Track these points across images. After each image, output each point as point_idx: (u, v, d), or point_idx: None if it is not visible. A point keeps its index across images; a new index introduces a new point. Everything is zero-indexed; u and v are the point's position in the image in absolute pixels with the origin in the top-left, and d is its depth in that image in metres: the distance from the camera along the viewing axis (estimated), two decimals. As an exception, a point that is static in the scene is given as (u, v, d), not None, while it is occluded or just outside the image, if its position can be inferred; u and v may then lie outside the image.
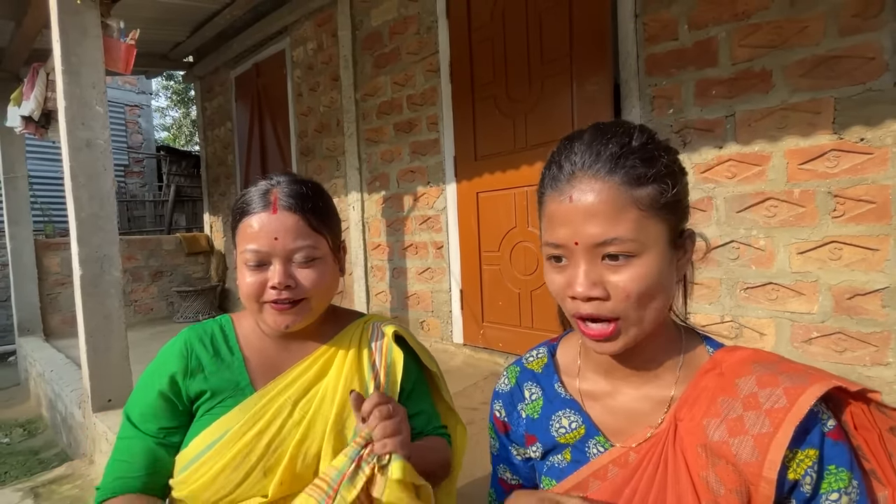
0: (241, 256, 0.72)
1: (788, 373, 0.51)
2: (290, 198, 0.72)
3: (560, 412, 0.62)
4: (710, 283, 1.90)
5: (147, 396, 0.75)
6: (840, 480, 0.48)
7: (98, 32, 2.04)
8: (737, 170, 1.81)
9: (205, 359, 0.76)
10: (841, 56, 1.58)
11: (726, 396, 0.52)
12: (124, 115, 8.14)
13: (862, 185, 1.56)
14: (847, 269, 1.61)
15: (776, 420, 0.48)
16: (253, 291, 0.71)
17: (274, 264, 0.71)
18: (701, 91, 1.87)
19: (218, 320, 0.82)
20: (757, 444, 0.48)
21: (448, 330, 2.91)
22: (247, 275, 0.72)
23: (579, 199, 0.51)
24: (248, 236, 0.71)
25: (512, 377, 0.69)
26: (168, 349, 0.79)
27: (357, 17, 3.29)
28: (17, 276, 4.08)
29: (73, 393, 2.47)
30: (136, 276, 4.83)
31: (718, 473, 0.50)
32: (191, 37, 4.32)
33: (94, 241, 2.01)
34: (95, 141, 2.04)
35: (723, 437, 0.50)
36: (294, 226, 0.71)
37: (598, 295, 0.51)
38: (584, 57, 2.18)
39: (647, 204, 0.50)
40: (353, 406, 0.65)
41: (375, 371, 0.79)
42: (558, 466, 0.60)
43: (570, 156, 0.53)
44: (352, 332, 0.82)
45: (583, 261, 0.51)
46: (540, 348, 0.69)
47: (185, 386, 0.75)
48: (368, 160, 3.33)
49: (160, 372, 0.76)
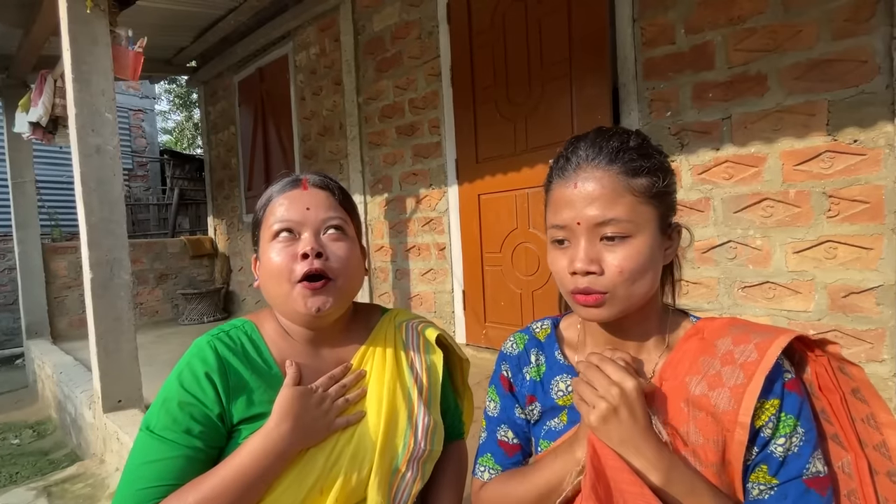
0: (268, 233, 0.68)
1: (759, 331, 0.57)
2: (319, 177, 0.74)
3: (559, 377, 0.68)
4: (709, 283, 1.93)
5: (181, 418, 0.64)
6: (787, 426, 0.53)
7: (107, 41, 2.08)
8: (733, 171, 1.84)
9: (245, 375, 0.67)
10: (834, 60, 1.62)
11: (706, 356, 0.58)
12: (128, 119, 8.21)
13: (856, 186, 1.60)
14: (842, 267, 1.64)
15: (749, 371, 0.53)
16: (282, 268, 0.66)
17: (304, 234, 0.68)
18: (698, 94, 1.91)
19: (241, 326, 0.73)
20: (733, 394, 0.53)
21: (451, 330, 2.95)
22: (273, 253, 0.67)
23: (583, 185, 0.58)
24: (276, 214, 0.69)
25: (520, 342, 0.74)
26: (198, 362, 0.67)
27: (359, 22, 3.34)
28: (24, 280, 4.13)
29: (83, 394, 2.51)
30: (142, 279, 4.88)
31: (698, 425, 0.55)
32: (195, 42, 4.38)
33: (105, 245, 2.06)
34: (105, 147, 2.08)
35: (703, 391, 0.56)
36: (325, 199, 0.70)
37: (594, 270, 0.57)
38: (583, 61, 2.22)
39: (641, 191, 0.58)
40: None
41: (416, 374, 0.75)
42: (555, 429, 0.66)
43: (576, 150, 0.61)
44: (384, 333, 0.78)
45: (583, 239, 0.58)
46: (545, 321, 0.76)
47: (229, 408, 0.65)
48: (371, 163, 3.37)
49: (196, 386, 0.65)
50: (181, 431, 0.63)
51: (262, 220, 0.71)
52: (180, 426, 0.64)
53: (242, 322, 0.75)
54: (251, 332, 0.73)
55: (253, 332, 0.73)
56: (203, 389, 0.65)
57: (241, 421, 0.66)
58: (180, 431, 0.63)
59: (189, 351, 0.69)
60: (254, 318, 0.76)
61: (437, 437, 0.74)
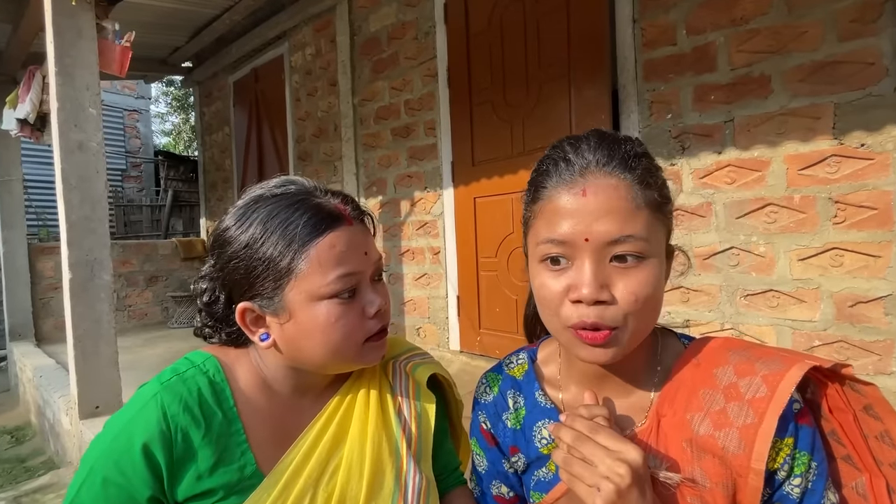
0: (325, 290, 0.57)
1: (763, 359, 0.51)
2: (351, 200, 0.62)
3: (541, 422, 0.59)
4: (710, 290, 1.87)
5: (108, 499, 0.52)
6: (801, 464, 0.48)
7: (93, 34, 2.02)
8: (736, 175, 1.79)
9: (195, 438, 0.54)
10: (840, 61, 1.57)
11: (707, 388, 0.51)
12: (123, 119, 8.14)
13: (863, 191, 1.54)
14: (849, 276, 1.59)
15: (759, 410, 0.47)
16: (350, 330, 0.57)
17: (366, 285, 0.60)
18: (699, 96, 1.86)
19: (200, 366, 0.59)
20: (742, 435, 0.47)
21: (445, 336, 2.87)
22: (337, 313, 0.56)
23: (595, 193, 0.48)
24: (332, 261, 0.57)
25: (494, 385, 0.66)
26: (137, 427, 0.53)
27: (355, 23, 3.29)
28: (9, 281, 4.04)
29: (61, 399, 2.42)
30: (131, 281, 4.79)
31: (704, 468, 0.49)
32: (190, 41, 4.33)
33: (85, 245, 1.98)
34: (88, 143, 2.01)
35: (708, 431, 0.49)
36: (369, 235, 0.62)
37: (606, 298, 0.47)
38: (582, 62, 2.18)
39: (655, 206, 0.50)
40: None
41: (404, 423, 0.63)
42: (544, 480, 0.58)
43: (579, 151, 0.51)
44: (368, 374, 0.66)
45: (590, 260, 0.48)
46: (520, 353, 0.67)
47: (170, 487, 0.54)
48: (366, 165, 3.31)
49: (127, 461, 0.52)
50: None
51: (299, 263, 0.54)
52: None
53: (204, 359, 0.60)
54: (214, 375, 0.58)
55: (216, 375, 0.58)
56: (134, 466, 0.52)
57: (187, 499, 0.54)
58: None
59: (131, 403, 0.56)
60: (220, 356, 0.61)
61: (432, 498, 0.63)
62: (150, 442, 0.52)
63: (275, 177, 0.61)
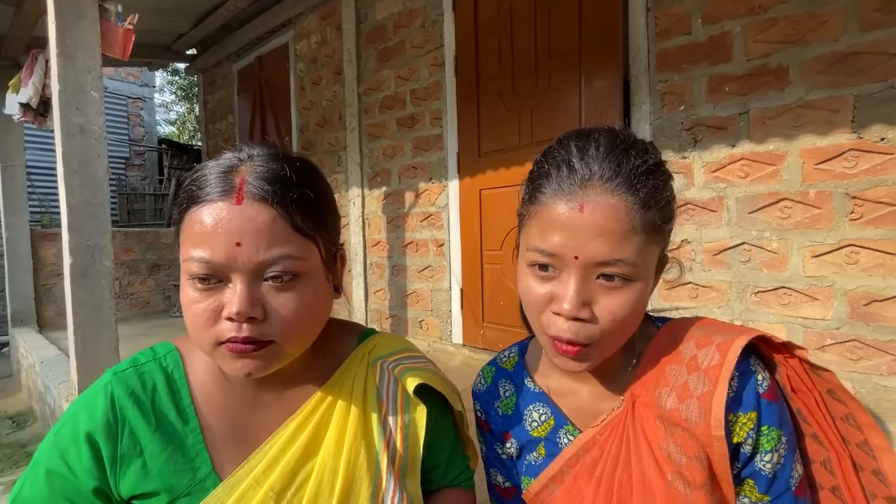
0: (184, 266, 0.48)
1: (722, 331, 0.53)
2: (267, 174, 0.48)
3: (531, 406, 0.63)
4: (719, 287, 1.83)
5: (46, 494, 0.49)
6: (771, 440, 0.50)
7: (95, 15, 1.98)
8: (750, 169, 1.75)
9: (142, 434, 0.50)
10: (861, 52, 1.52)
11: (674, 364, 0.53)
12: (126, 107, 8.11)
13: (882, 187, 1.50)
14: (864, 274, 1.55)
15: (713, 377, 0.50)
16: (201, 323, 0.47)
17: (233, 283, 0.47)
18: (713, 87, 1.81)
19: (160, 359, 0.55)
20: (701, 404, 0.49)
21: (447, 330, 2.85)
22: (192, 297, 0.47)
23: (592, 211, 0.47)
24: (192, 236, 0.47)
25: (488, 377, 0.69)
26: (83, 415, 0.50)
27: (362, 10, 3.24)
28: (11, 267, 4.03)
29: (62, 385, 2.41)
30: (133, 269, 4.78)
31: (677, 442, 0.51)
32: (194, 28, 4.28)
33: (86, 230, 1.96)
34: (89, 127, 1.98)
35: (674, 405, 0.51)
36: (269, 224, 0.47)
37: (585, 317, 0.48)
38: (592, 52, 2.13)
39: (651, 229, 0.49)
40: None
41: (389, 435, 0.56)
42: (535, 464, 0.61)
43: (585, 159, 0.49)
44: (353, 373, 0.58)
45: (576, 277, 0.48)
46: (512, 348, 0.70)
47: (114, 480, 0.49)
48: (370, 155, 3.27)
49: (71, 451, 0.49)
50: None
51: (181, 226, 0.49)
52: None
53: (167, 352, 0.56)
54: (172, 370, 0.55)
55: (175, 369, 0.55)
56: (79, 455, 0.49)
57: (132, 497, 0.50)
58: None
59: (82, 394, 0.53)
60: (182, 347, 0.57)
61: None
62: (94, 431, 0.50)
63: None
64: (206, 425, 0.53)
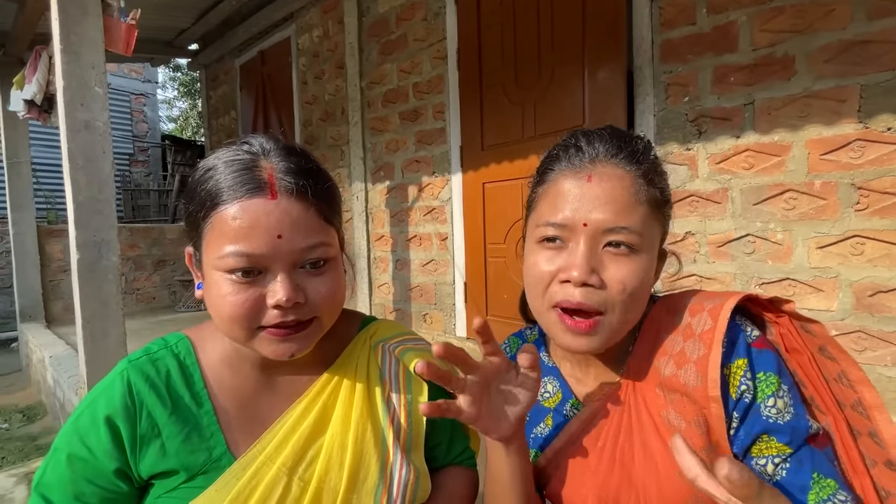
0: (219, 263, 0.49)
1: (712, 298, 0.55)
2: (293, 169, 0.51)
3: (545, 378, 0.65)
4: (724, 279, 1.83)
5: (69, 478, 0.52)
6: (770, 385, 0.50)
7: (98, 11, 1.99)
8: (755, 160, 1.74)
9: (160, 417, 0.53)
10: (869, 41, 1.50)
11: (670, 334, 0.55)
12: (129, 103, 8.12)
13: (888, 177, 1.49)
14: (869, 264, 1.54)
15: (707, 341, 0.51)
16: (244, 314, 0.49)
17: (275, 274, 0.50)
18: (718, 78, 1.80)
19: (172, 347, 0.58)
20: (698, 368, 0.51)
21: (451, 323, 2.86)
22: (226, 290, 0.49)
23: (599, 180, 0.51)
24: (227, 233, 0.49)
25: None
26: (102, 400, 0.53)
27: (364, 4, 3.23)
28: (19, 263, 4.07)
29: (71, 379, 2.44)
30: (139, 264, 4.82)
31: (676, 408, 0.52)
32: (196, 23, 4.28)
33: (92, 226, 1.98)
34: (94, 123, 1.99)
35: (673, 372, 0.53)
36: (304, 215, 0.50)
37: (594, 283, 0.50)
38: (596, 43, 2.11)
39: (654, 204, 0.53)
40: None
41: (393, 412, 0.59)
42: (541, 435, 0.63)
43: (591, 141, 0.54)
44: (356, 356, 0.61)
45: (585, 245, 0.51)
46: (534, 327, 0.73)
47: (134, 461, 0.52)
48: (373, 150, 3.27)
49: (91, 434, 0.52)
50: (71, 497, 0.51)
51: (205, 227, 0.51)
52: (69, 489, 0.51)
53: (177, 340, 0.59)
54: (185, 356, 0.57)
55: (187, 356, 0.57)
56: (99, 438, 0.51)
57: (151, 476, 0.53)
58: (70, 497, 0.51)
59: (100, 382, 0.56)
60: (193, 336, 0.60)
61: (421, 490, 0.60)
62: (113, 415, 0.52)
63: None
64: (220, 407, 0.56)
